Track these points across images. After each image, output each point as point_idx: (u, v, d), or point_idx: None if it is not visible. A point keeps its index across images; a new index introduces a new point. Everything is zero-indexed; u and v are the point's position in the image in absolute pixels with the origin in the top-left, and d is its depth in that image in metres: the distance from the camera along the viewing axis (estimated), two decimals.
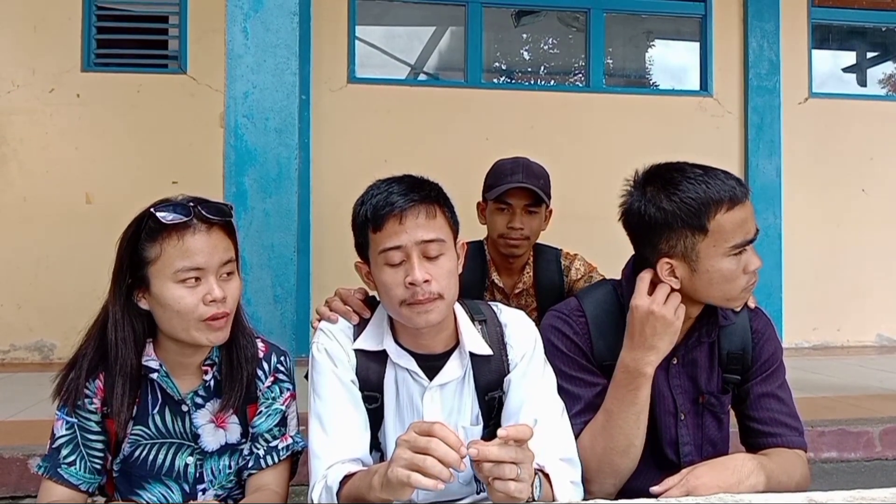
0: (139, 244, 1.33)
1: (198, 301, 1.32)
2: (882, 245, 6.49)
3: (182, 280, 1.31)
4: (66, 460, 1.39)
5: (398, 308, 1.35)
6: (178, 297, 1.31)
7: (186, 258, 1.31)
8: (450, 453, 1.04)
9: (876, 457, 3.43)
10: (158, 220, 1.31)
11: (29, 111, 5.50)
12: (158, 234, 1.32)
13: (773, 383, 1.59)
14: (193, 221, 1.33)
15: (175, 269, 1.31)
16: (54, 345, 5.42)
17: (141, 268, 1.33)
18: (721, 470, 1.37)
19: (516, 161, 2.41)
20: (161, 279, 1.32)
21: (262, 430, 1.45)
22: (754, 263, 1.42)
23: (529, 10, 6.42)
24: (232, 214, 1.40)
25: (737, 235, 1.39)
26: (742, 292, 1.44)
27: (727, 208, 1.38)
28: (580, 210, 5.28)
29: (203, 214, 1.33)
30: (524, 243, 2.39)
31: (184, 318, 1.32)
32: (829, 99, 6.56)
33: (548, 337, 1.57)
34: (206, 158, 4.52)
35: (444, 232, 1.36)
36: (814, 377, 4.67)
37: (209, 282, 1.33)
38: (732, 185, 1.40)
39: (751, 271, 1.42)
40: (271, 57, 2.38)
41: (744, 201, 1.40)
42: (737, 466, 1.37)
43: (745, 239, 1.40)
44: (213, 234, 1.35)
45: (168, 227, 1.31)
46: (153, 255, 1.32)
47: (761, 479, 1.37)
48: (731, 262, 1.40)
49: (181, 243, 1.31)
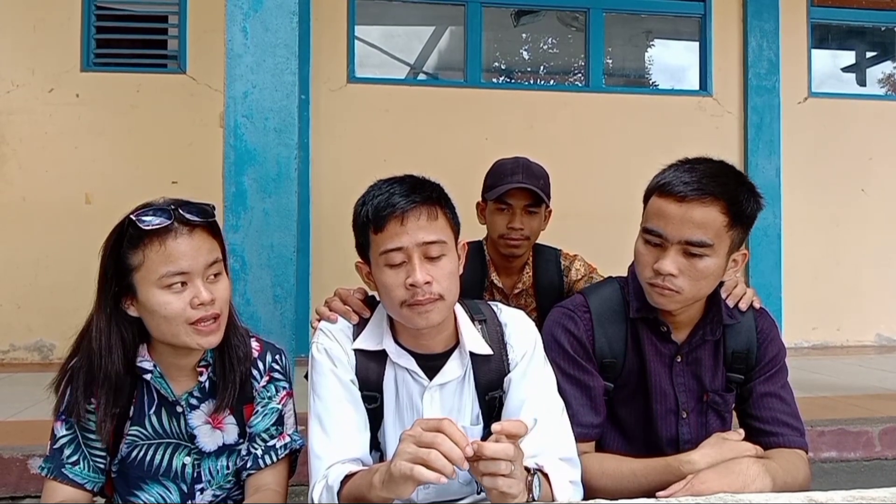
0: (122, 252, 1.31)
1: (185, 305, 1.30)
2: (881, 245, 6.49)
3: (168, 286, 1.29)
4: (69, 460, 1.38)
5: (399, 309, 1.35)
6: (165, 302, 1.29)
7: (170, 263, 1.29)
8: (454, 449, 1.05)
9: (875, 456, 3.44)
10: (138, 226, 1.28)
11: (28, 111, 5.49)
12: (140, 241, 1.29)
13: (775, 383, 1.59)
14: (175, 225, 1.30)
15: (160, 276, 1.28)
16: (54, 345, 5.41)
17: (126, 275, 1.31)
18: (726, 474, 1.36)
19: (516, 161, 2.41)
20: (146, 286, 1.30)
21: (260, 430, 1.45)
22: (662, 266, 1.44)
23: (529, 9, 6.42)
24: (214, 214, 1.37)
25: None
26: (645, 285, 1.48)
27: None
28: (579, 209, 5.29)
29: (184, 217, 1.31)
30: (524, 243, 2.39)
31: (172, 324, 1.31)
32: (829, 98, 6.56)
33: (553, 332, 1.58)
34: (206, 158, 4.52)
35: (445, 233, 1.36)
36: (813, 377, 4.67)
37: (196, 285, 1.31)
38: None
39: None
40: (271, 57, 2.38)
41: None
42: (742, 470, 1.37)
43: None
44: (197, 236, 1.32)
45: (149, 233, 1.28)
46: (136, 262, 1.30)
47: (767, 482, 1.36)
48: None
49: (163, 248, 1.29)
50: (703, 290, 1.46)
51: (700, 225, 1.39)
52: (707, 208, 1.39)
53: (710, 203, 1.39)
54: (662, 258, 1.42)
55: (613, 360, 1.57)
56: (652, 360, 1.57)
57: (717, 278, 1.46)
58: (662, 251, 1.43)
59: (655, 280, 1.44)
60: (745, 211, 1.43)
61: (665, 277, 1.42)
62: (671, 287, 1.43)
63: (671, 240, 1.41)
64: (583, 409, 1.54)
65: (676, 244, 1.41)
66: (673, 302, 1.46)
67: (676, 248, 1.41)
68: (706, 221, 1.39)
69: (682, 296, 1.44)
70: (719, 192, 1.40)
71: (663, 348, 1.57)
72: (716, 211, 1.40)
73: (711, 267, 1.42)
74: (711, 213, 1.39)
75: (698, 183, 1.40)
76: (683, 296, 1.44)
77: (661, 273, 1.42)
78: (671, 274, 1.41)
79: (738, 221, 1.43)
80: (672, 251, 1.42)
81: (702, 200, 1.39)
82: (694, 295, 1.45)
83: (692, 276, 1.42)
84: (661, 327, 1.55)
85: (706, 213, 1.39)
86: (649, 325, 1.57)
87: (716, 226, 1.40)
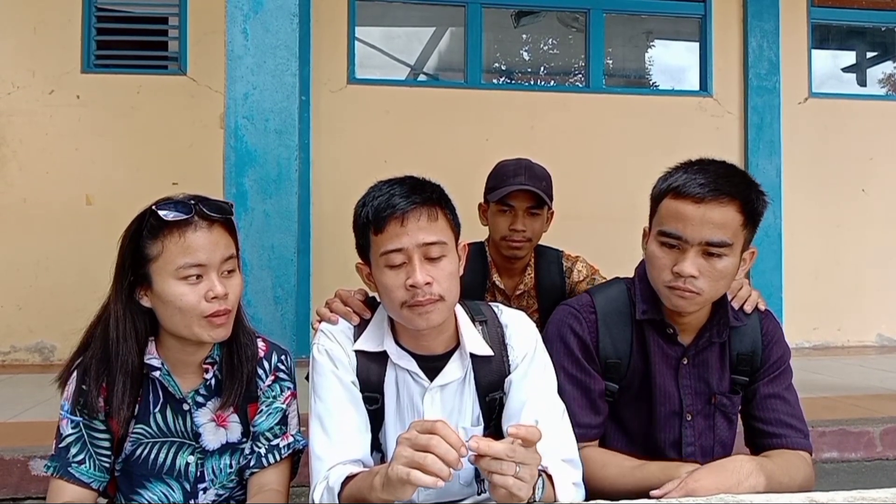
0: (141, 242, 1.34)
1: (200, 298, 1.33)
2: (882, 245, 6.49)
3: (184, 277, 1.32)
4: (75, 459, 1.39)
5: (399, 310, 1.35)
6: (181, 293, 1.32)
7: (188, 255, 1.32)
8: (450, 451, 1.05)
9: (877, 457, 3.43)
10: (160, 217, 1.31)
11: (29, 112, 5.50)
12: (160, 232, 1.33)
13: (779, 385, 1.59)
14: (195, 219, 1.34)
15: (177, 266, 1.32)
16: (54, 346, 5.42)
17: (143, 265, 1.34)
18: (720, 471, 1.36)
19: (518, 163, 2.40)
20: (163, 276, 1.33)
21: (263, 429, 1.46)
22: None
23: (529, 10, 6.42)
24: (232, 212, 1.41)
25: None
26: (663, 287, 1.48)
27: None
28: (579, 210, 5.29)
29: (204, 212, 1.34)
30: (526, 245, 2.38)
31: (186, 315, 1.33)
32: (829, 99, 6.56)
33: (558, 331, 1.58)
34: (206, 159, 4.53)
35: (445, 234, 1.36)
36: (814, 377, 4.67)
37: (211, 278, 1.34)
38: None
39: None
40: (271, 58, 2.38)
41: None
42: (735, 468, 1.37)
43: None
44: (215, 232, 1.36)
45: (169, 225, 1.32)
46: (155, 252, 1.33)
47: (761, 479, 1.37)
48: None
49: (183, 240, 1.32)
50: (720, 290, 1.46)
51: (720, 225, 1.40)
52: (725, 208, 1.40)
53: (727, 203, 1.40)
54: (682, 260, 1.42)
55: (618, 360, 1.57)
56: (657, 362, 1.57)
57: (733, 278, 1.47)
58: (681, 253, 1.43)
59: (676, 283, 1.43)
60: (756, 209, 1.45)
61: (686, 280, 1.42)
62: (692, 289, 1.42)
63: (691, 241, 1.41)
64: (582, 410, 1.54)
65: (696, 245, 1.41)
66: (693, 304, 1.46)
67: (696, 249, 1.41)
68: (725, 221, 1.40)
69: (702, 297, 1.44)
70: (735, 192, 1.41)
71: (669, 350, 1.57)
72: (733, 210, 1.41)
73: (730, 267, 1.43)
74: (729, 212, 1.40)
75: (714, 183, 1.41)
76: (703, 297, 1.44)
77: (683, 275, 1.42)
78: (692, 276, 1.41)
79: (751, 220, 1.44)
80: (692, 253, 1.42)
81: (720, 200, 1.40)
82: (713, 296, 1.46)
83: (712, 276, 1.42)
84: (667, 329, 1.55)
85: (725, 213, 1.40)
86: (655, 328, 1.57)
87: (734, 225, 1.41)
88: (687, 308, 1.47)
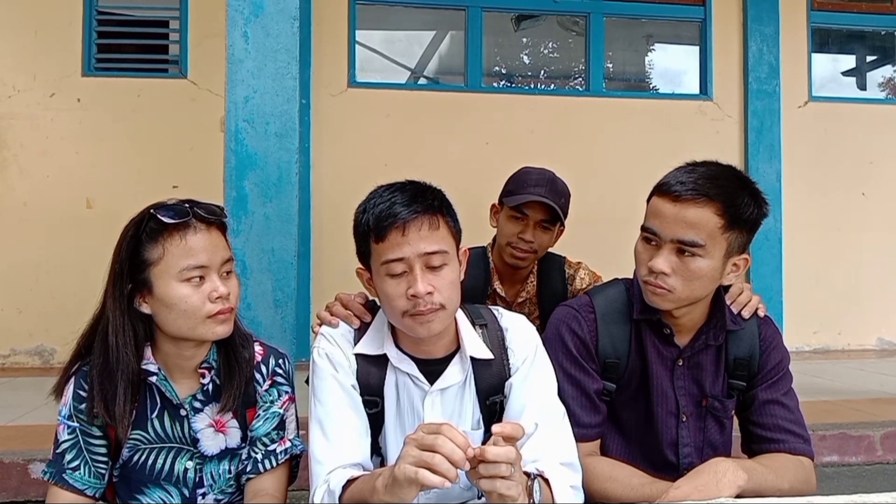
0: (139, 246, 1.34)
1: (204, 299, 1.33)
2: (882, 248, 6.49)
3: (187, 279, 1.33)
4: (70, 465, 1.39)
5: (400, 318, 1.35)
6: (184, 296, 1.33)
7: (190, 256, 1.33)
8: (456, 451, 1.05)
9: (877, 461, 3.43)
10: (159, 220, 1.32)
11: (29, 116, 5.50)
12: (159, 235, 1.33)
13: (778, 390, 1.59)
14: (193, 221, 1.35)
15: (180, 269, 1.32)
16: (54, 349, 5.41)
17: (142, 270, 1.34)
18: (696, 475, 1.37)
19: (542, 173, 2.36)
20: (165, 280, 1.33)
21: (260, 434, 1.46)
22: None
23: (529, 14, 6.43)
24: (225, 215, 1.42)
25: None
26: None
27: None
28: (580, 214, 5.27)
29: (200, 214, 1.36)
30: (530, 257, 2.35)
31: (190, 317, 1.33)
32: (829, 102, 6.56)
33: (557, 331, 1.59)
34: (207, 163, 4.52)
35: (446, 242, 1.36)
36: (814, 381, 4.66)
37: (213, 279, 1.35)
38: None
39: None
40: (272, 61, 2.38)
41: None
42: (711, 468, 1.38)
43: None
44: (212, 233, 1.37)
45: (169, 227, 1.33)
46: (156, 255, 1.33)
47: (740, 474, 1.36)
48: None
49: (184, 242, 1.33)
50: (696, 291, 1.46)
51: (692, 225, 1.40)
52: (701, 209, 1.40)
53: (703, 204, 1.40)
54: (656, 256, 1.44)
55: (616, 360, 1.57)
56: (654, 362, 1.57)
57: (712, 280, 1.46)
58: (657, 249, 1.45)
59: (649, 278, 1.46)
60: (742, 215, 1.43)
61: (658, 276, 1.43)
62: (664, 286, 1.44)
63: (664, 238, 1.43)
64: (582, 410, 1.55)
65: (669, 243, 1.43)
66: (666, 301, 1.47)
67: (669, 246, 1.43)
68: (699, 222, 1.40)
69: (674, 295, 1.45)
70: (714, 194, 1.41)
71: (665, 351, 1.57)
72: (710, 212, 1.40)
73: (704, 268, 1.43)
74: (705, 214, 1.40)
75: (694, 184, 1.41)
76: (676, 295, 1.45)
77: (654, 271, 1.44)
78: (663, 272, 1.43)
79: (736, 225, 1.43)
80: (665, 250, 1.43)
81: (696, 201, 1.40)
82: (687, 296, 1.46)
83: (684, 275, 1.43)
84: (664, 329, 1.56)
85: (699, 214, 1.40)
86: (653, 328, 1.57)
87: (709, 227, 1.41)
88: (661, 305, 1.48)
